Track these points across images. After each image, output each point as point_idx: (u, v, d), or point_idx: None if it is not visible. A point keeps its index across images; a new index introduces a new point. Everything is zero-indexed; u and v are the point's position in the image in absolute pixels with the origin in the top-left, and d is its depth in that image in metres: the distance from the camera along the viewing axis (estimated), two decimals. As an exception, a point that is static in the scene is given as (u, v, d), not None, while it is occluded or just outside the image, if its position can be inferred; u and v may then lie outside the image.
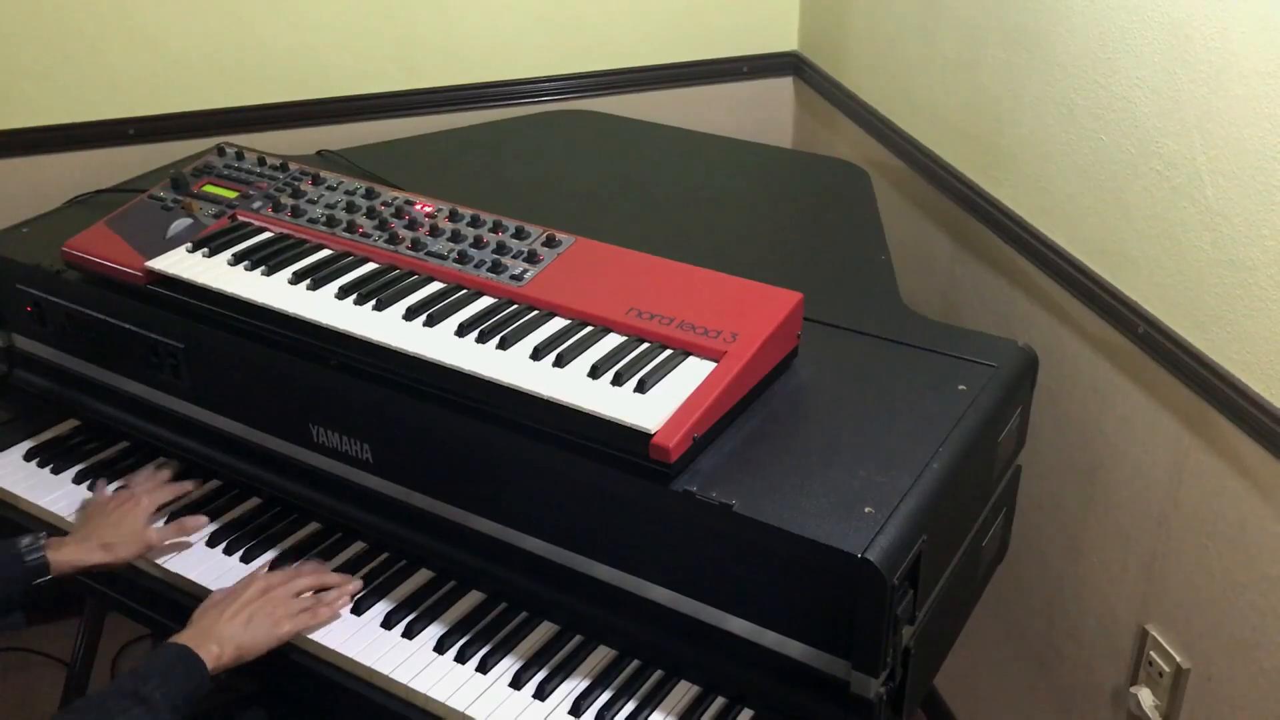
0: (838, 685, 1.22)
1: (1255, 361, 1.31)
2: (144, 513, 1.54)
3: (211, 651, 1.31)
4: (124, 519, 1.52)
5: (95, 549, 1.48)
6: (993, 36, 1.72)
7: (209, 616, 1.37)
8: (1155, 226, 1.44)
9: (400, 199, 1.63)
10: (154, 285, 1.55)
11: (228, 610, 1.37)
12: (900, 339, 1.49)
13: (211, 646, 1.31)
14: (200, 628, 1.35)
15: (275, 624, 1.38)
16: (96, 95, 2.07)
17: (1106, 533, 1.64)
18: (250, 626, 1.36)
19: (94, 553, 1.48)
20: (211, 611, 1.38)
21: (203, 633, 1.34)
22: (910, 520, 1.19)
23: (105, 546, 1.48)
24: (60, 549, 1.46)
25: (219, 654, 1.32)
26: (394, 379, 1.39)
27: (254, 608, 1.38)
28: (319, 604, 1.42)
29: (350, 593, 1.45)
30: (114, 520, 1.52)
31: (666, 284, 1.43)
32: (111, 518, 1.52)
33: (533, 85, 2.30)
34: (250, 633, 1.35)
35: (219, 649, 1.32)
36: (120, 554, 1.49)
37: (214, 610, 1.38)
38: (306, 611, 1.41)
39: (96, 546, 1.48)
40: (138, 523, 1.52)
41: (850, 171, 1.98)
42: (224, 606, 1.37)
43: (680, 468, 1.24)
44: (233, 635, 1.34)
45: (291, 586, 1.42)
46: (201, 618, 1.37)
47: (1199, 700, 1.51)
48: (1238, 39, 1.27)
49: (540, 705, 1.32)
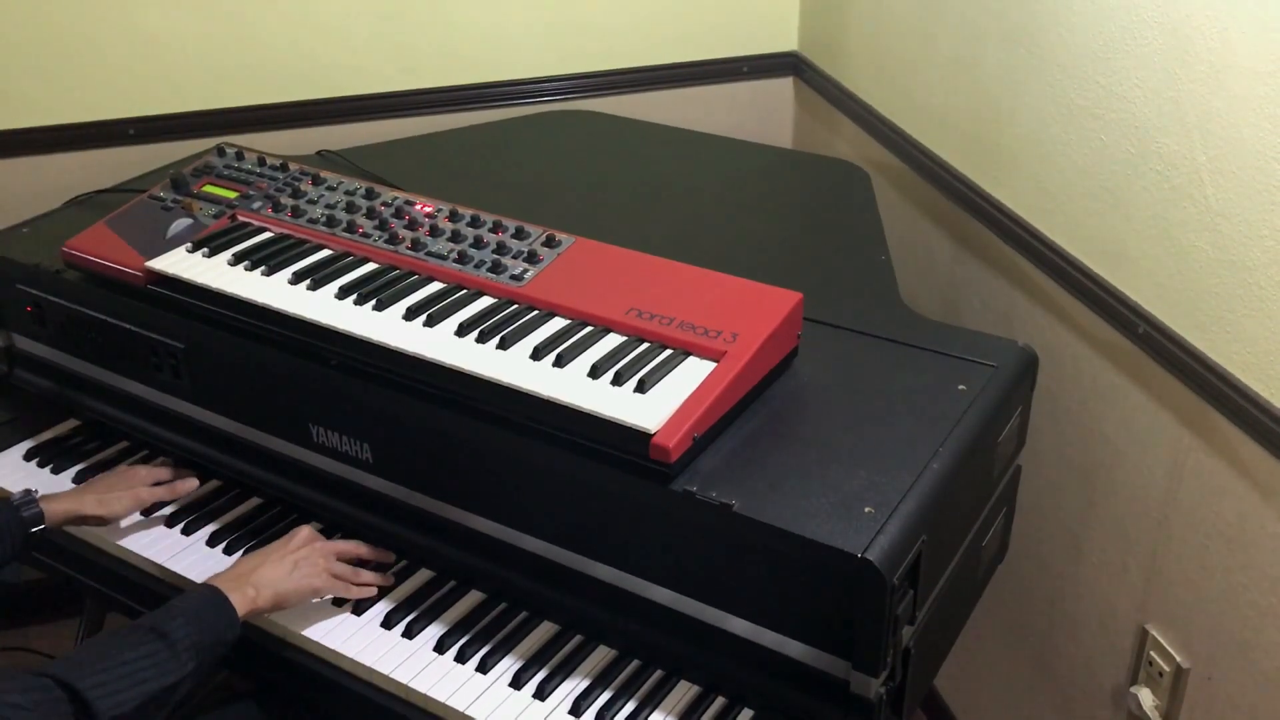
0: (838, 685, 1.22)
1: (1255, 361, 1.31)
2: (141, 479, 1.57)
3: (247, 595, 1.32)
4: (120, 480, 1.56)
5: (90, 501, 1.51)
6: (993, 36, 1.72)
7: (250, 561, 1.38)
8: (1155, 226, 1.44)
9: (400, 199, 1.63)
10: (154, 285, 1.55)
11: (272, 556, 1.38)
12: (900, 339, 1.49)
13: (248, 590, 1.32)
14: (239, 570, 1.36)
15: (316, 575, 1.39)
16: (96, 95, 2.07)
17: (1106, 533, 1.64)
18: (294, 574, 1.37)
19: (88, 504, 1.51)
20: (256, 556, 1.39)
21: (240, 576, 1.34)
22: (910, 520, 1.19)
23: (100, 501, 1.51)
24: (55, 500, 1.49)
25: (254, 598, 1.32)
26: (394, 379, 1.39)
27: (299, 555, 1.40)
28: (357, 576, 1.44)
29: (382, 584, 1.47)
30: (110, 481, 1.56)
31: (666, 284, 1.43)
32: (109, 478, 1.57)
33: (533, 85, 2.30)
34: (293, 580, 1.37)
35: (255, 592, 1.33)
36: (113, 508, 1.52)
37: (259, 555, 1.39)
38: (343, 579, 1.43)
39: (92, 499, 1.51)
40: (133, 483, 1.56)
41: (850, 171, 1.98)
42: (269, 551, 1.39)
43: (680, 468, 1.24)
44: (273, 580, 1.35)
45: (333, 546, 1.44)
46: (244, 561, 1.39)
47: (1199, 700, 1.51)
48: (1238, 39, 1.27)
49: (540, 705, 1.32)
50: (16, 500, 1.46)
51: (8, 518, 1.44)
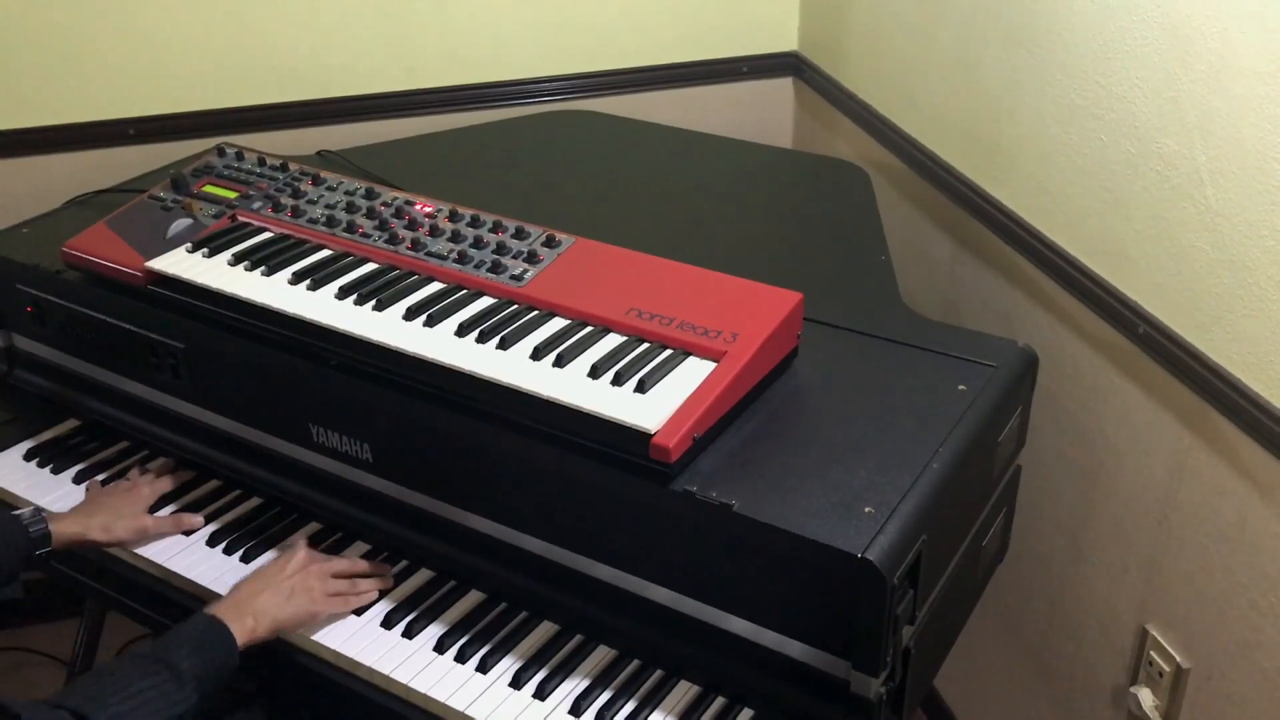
0: (838, 685, 1.22)
1: (1255, 361, 1.31)
2: (145, 501, 1.57)
3: (246, 625, 1.31)
4: (125, 504, 1.55)
5: (95, 527, 1.51)
6: (993, 36, 1.72)
7: (246, 588, 1.37)
8: (1155, 226, 1.44)
9: (400, 199, 1.63)
10: (154, 285, 1.55)
11: (270, 583, 1.37)
12: (900, 339, 1.49)
13: (247, 620, 1.31)
14: (237, 600, 1.35)
15: (313, 601, 1.39)
16: (96, 95, 2.07)
17: (1106, 533, 1.64)
18: (290, 602, 1.37)
19: (93, 530, 1.51)
20: (252, 584, 1.38)
21: (238, 605, 1.34)
22: (910, 520, 1.19)
23: (104, 528, 1.51)
24: (61, 521, 1.49)
25: (253, 627, 1.32)
26: (394, 379, 1.39)
27: (294, 582, 1.39)
28: (354, 588, 1.44)
29: (382, 587, 1.47)
30: (116, 504, 1.55)
31: (666, 284, 1.43)
32: (114, 500, 1.56)
33: (533, 85, 2.30)
34: (290, 608, 1.36)
35: (254, 622, 1.32)
36: (118, 535, 1.52)
37: (256, 582, 1.38)
38: (341, 596, 1.42)
39: (96, 525, 1.51)
40: (138, 508, 1.56)
41: (850, 171, 1.98)
42: (267, 579, 1.38)
43: (680, 468, 1.24)
44: (271, 609, 1.35)
45: (329, 566, 1.44)
46: (241, 589, 1.38)
47: (1199, 700, 1.51)
48: (1238, 39, 1.27)
49: (540, 705, 1.32)
50: (25, 519, 1.45)
51: (14, 534, 1.44)
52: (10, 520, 1.45)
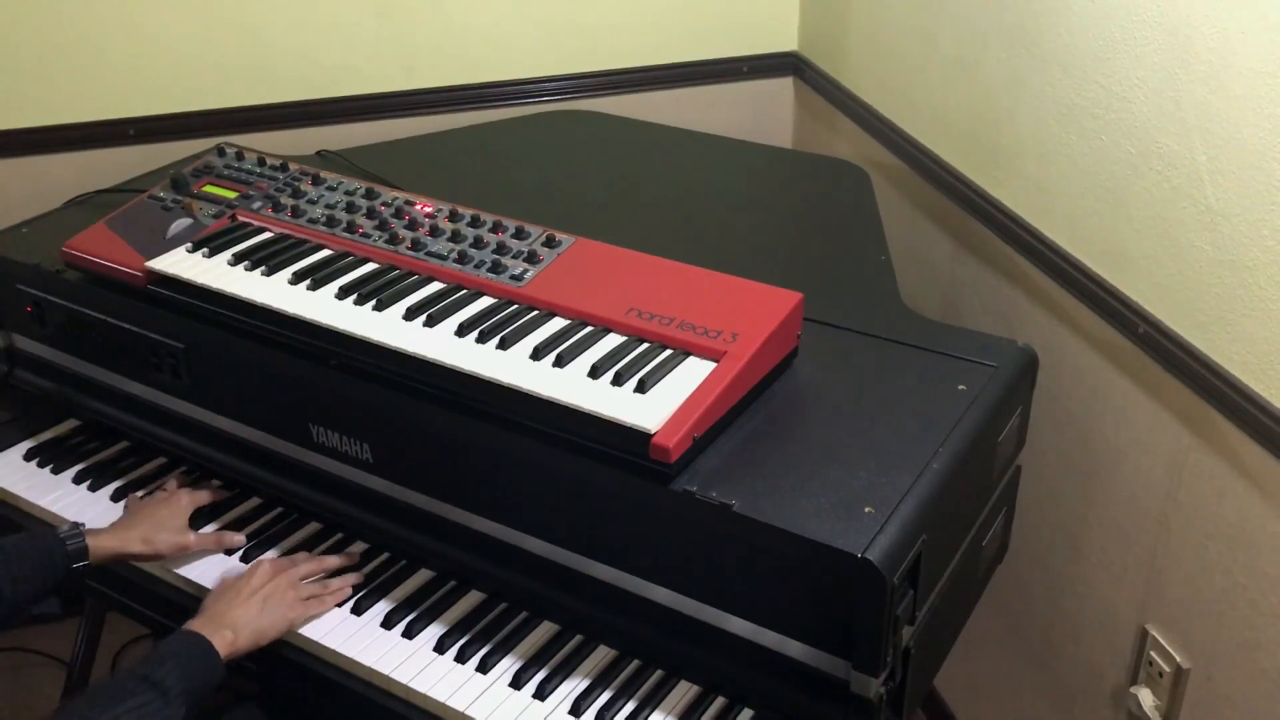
0: (838, 685, 1.22)
1: (1255, 361, 1.31)
2: (185, 512, 1.56)
3: (225, 638, 1.31)
4: (168, 517, 1.53)
5: (135, 540, 1.49)
6: (993, 36, 1.72)
7: (222, 602, 1.37)
8: (1155, 226, 1.44)
9: (400, 199, 1.63)
10: (154, 285, 1.55)
11: (241, 595, 1.37)
12: (900, 339, 1.49)
13: (225, 633, 1.31)
14: (212, 614, 1.35)
15: (289, 607, 1.39)
16: (96, 95, 2.07)
17: (1106, 533, 1.64)
18: (265, 611, 1.37)
19: (134, 544, 1.49)
20: (224, 597, 1.38)
21: (215, 619, 1.34)
22: (910, 520, 1.19)
23: (146, 540, 1.49)
24: (100, 536, 1.47)
25: (233, 640, 1.32)
26: (394, 379, 1.39)
27: (266, 591, 1.39)
28: (326, 589, 1.44)
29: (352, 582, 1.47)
30: (159, 517, 1.53)
31: (666, 284, 1.43)
32: (156, 513, 1.54)
33: (533, 85, 2.30)
34: (266, 617, 1.36)
35: (234, 635, 1.32)
36: (160, 549, 1.50)
37: (226, 595, 1.38)
38: (315, 598, 1.42)
39: (137, 538, 1.49)
40: (179, 520, 1.54)
41: (850, 171, 1.98)
42: (236, 591, 1.38)
43: (680, 468, 1.24)
44: (248, 621, 1.34)
45: (296, 571, 1.44)
46: (213, 604, 1.37)
47: (1199, 700, 1.51)
48: (1238, 39, 1.27)
49: (540, 705, 1.32)
50: (63, 533, 1.44)
51: (51, 549, 1.42)
52: (47, 535, 1.43)
